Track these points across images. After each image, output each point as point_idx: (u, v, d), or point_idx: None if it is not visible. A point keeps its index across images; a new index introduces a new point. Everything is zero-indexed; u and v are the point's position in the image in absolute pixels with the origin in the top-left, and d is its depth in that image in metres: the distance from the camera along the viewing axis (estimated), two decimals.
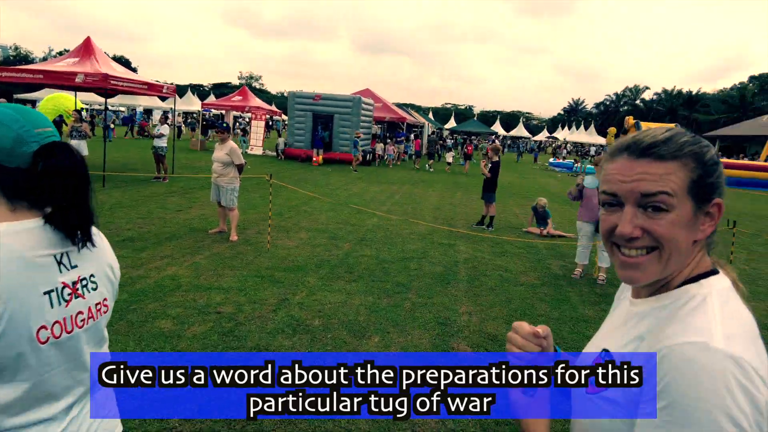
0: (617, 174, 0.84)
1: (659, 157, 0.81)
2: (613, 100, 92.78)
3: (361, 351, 3.92)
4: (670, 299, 0.84)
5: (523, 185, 18.65)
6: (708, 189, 0.83)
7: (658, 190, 0.80)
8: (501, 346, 4.21)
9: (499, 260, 7.11)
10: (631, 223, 0.81)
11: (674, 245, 0.81)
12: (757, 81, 78.05)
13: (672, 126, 0.87)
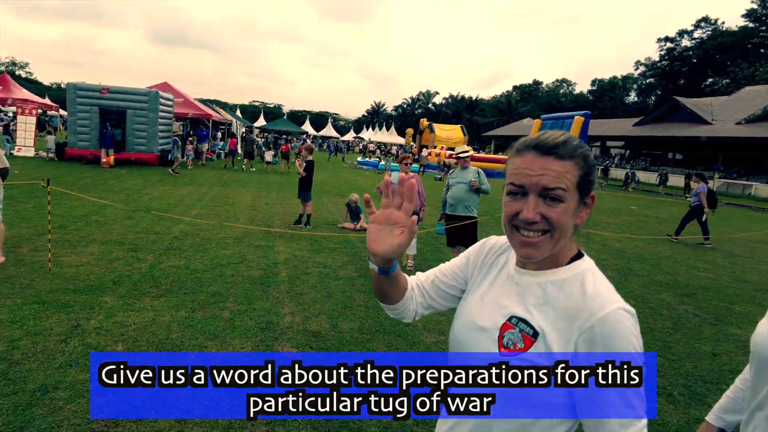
0: (525, 168, 1.01)
1: (560, 156, 0.99)
2: (409, 103, 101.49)
3: None
4: (567, 273, 1.05)
5: (335, 183, 19.22)
6: (589, 184, 1.04)
7: (557, 185, 0.98)
8: (325, 342, 4.26)
9: (318, 257, 7.20)
10: (534, 210, 0.99)
11: (563, 229, 1.00)
12: (519, 90, 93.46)
13: (561, 132, 1.03)
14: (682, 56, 66.68)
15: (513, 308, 1.07)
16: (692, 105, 42.13)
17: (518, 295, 1.08)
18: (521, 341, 1.02)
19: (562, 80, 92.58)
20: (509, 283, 1.12)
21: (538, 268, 1.08)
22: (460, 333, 1.17)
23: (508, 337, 1.04)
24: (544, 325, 1.01)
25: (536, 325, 1.02)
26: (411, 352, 4.23)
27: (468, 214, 6.72)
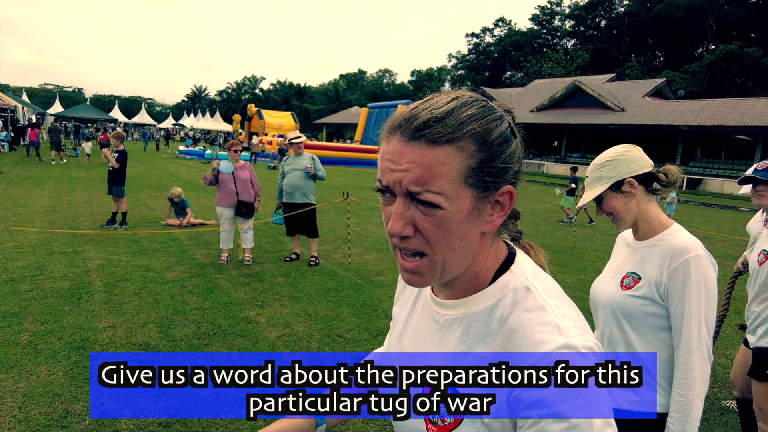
0: (388, 161, 0.68)
1: (432, 141, 0.65)
2: (234, 88, 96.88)
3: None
4: (490, 298, 0.74)
5: (154, 176, 17.45)
6: (493, 175, 0.69)
7: (425, 188, 0.65)
8: (156, 355, 3.80)
9: (140, 260, 6.42)
10: (400, 219, 0.68)
11: (446, 246, 0.68)
12: (345, 78, 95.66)
13: (452, 95, 0.70)
14: (486, 51, 75.06)
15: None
16: (496, 95, 47.70)
17: (436, 336, 0.79)
18: (447, 414, 0.72)
19: (385, 70, 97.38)
20: (427, 318, 0.84)
21: (454, 296, 0.78)
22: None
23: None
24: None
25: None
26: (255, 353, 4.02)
27: (306, 202, 6.62)
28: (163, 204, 10.39)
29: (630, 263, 1.66)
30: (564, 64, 57.74)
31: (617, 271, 1.70)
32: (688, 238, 1.56)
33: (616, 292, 1.65)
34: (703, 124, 30.78)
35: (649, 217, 1.65)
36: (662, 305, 1.55)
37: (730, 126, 29.78)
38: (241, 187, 6.42)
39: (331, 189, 15.58)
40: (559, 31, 68.95)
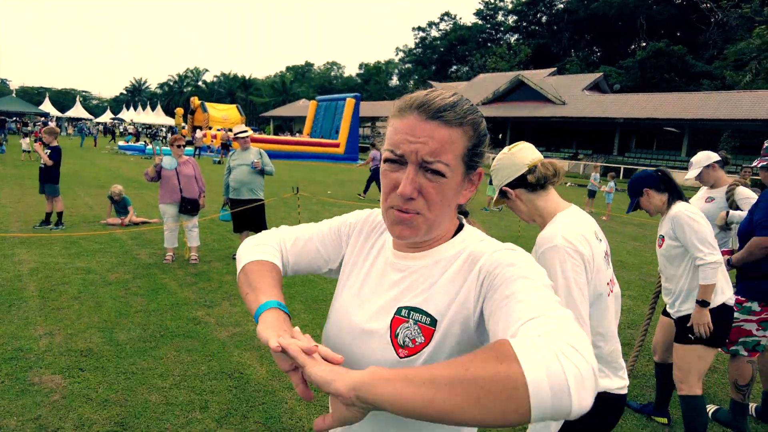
0: (406, 133, 0.84)
1: (447, 122, 0.83)
2: (176, 80, 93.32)
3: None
4: (453, 248, 0.93)
5: (92, 173, 16.58)
6: (477, 158, 0.90)
7: (438, 158, 0.82)
8: (100, 360, 3.65)
9: (78, 262, 6.11)
10: (411, 183, 0.83)
11: (440, 208, 0.86)
12: (292, 70, 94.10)
13: (451, 92, 0.89)
14: (432, 45, 75.83)
15: (400, 298, 0.92)
16: (443, 89, 48.26)
17: (404, 282, 0.94)
18: (420, 335, 0.87)
19: (333, 63, 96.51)
20: (390, 270, 0.97)
21: (420, 249, 0.95)
22: (340, 340, 0.97)
23: (404, 333, 0.89)
24: (440, 308, 0.88)
25: (432, 311, 0.88)
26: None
27: (253, 197, 6.50)
28: (102, 202, 9.91)
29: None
30: (507, 58, 59.24)
31: None
32: (552, 229, 1.61)
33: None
34: (637, 116, 32.49)
35: (540, 211, 1.73)
36: None
37: (661, 119, 31.60)
38: (184, 184, 6.22)
39: (280, 183, 15.34)
40: (502, 26, 70.59)
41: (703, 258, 2.61)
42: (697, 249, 2.64)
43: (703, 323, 2.68)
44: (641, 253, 8.86)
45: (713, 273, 2.61)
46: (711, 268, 2.61)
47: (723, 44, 44.66)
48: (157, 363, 3.68)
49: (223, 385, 3.43)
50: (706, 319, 2.68)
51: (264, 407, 3.18)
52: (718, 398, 3.69)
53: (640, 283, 6.65)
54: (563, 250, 1.53)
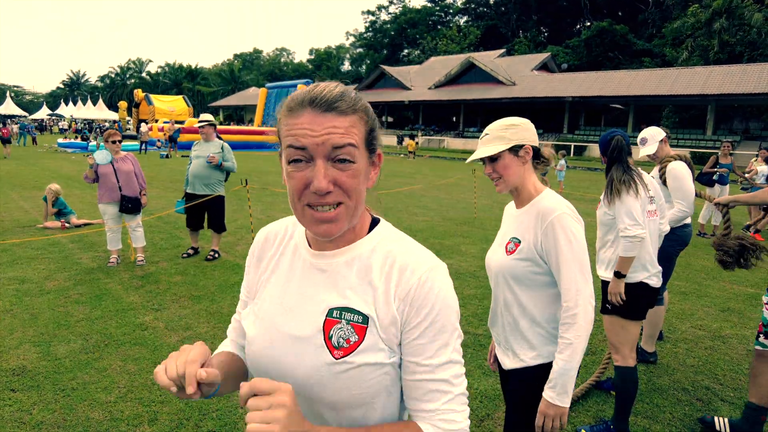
0: (306, 128, 0.82)
1: (342, 111, 0.84)
2: (118, 72, 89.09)
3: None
4: (371, 242, 0.94)
5: (27, 173, 15.57)
6: (376, 140, 0.92)
7: (346, 142, 0.83)
8: (35, 378, 3.36)
9: (10, 271, 5.67)
10: (325, 177, 0.82)
11: (358, 194, 0.87)
12: (240, 58, 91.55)
13: (334, 83, 0.88)
14: (383, 29, 75.16)
15: (329, 300, 0.91)
16: (396, 73, 48.16)
17: (328, 282, 0.92)
18: (353, 333, 0.87)
19: (282, 49, 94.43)
20: (311, 271, 0.95)
21: (337, 246, 0.94)
22: (269, 351, 0.93)
23: (338, 335, 0.88)
24: (369, 305, 0.89)
25: (363, 309, 0.88)
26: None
27: (208, 193, 6.19)
28: (39, 205, 9.30)
29: (512, 230, 1.83)
30: (458, 41, 59.50)
31: (503, 239, 1.87)
32: (554, 199, 1.73)
33: (502, 258, 1.81)
34: (585, 94, 33.35)
35: (529, 184, 1.81)
36: (543, 264, 1.71)
37: (607, 96, 32.57)
38: (123, 181, 5.85)
39: (232, 176, 14.89)
40: (451, 8, 70.71)
41: (626, 230, 2.67)
42: (622, 221, 2.69)
43: (615, 293, 2.75)
44: (595, 229, 9.08)
45: (632, 246, 2.67)
46: (630, 242, 2.66)
47: (661, 23, 46.34)
48: (101, 376, 3.44)
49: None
50: (620, 289, 2.74)
51: (218, 414, 3.02)
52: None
53: (593, 259, 6.80)
54: (571, 217, 1.68)
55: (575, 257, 1.63)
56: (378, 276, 0.90)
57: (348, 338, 0.87)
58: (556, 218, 1.66)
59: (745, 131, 31.73)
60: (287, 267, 1.00)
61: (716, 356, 3.97)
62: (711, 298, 5.39)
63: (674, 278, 5.53)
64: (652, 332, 3.82)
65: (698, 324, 4.64)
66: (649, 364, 3.80)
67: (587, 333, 1.62)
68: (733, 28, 34.48)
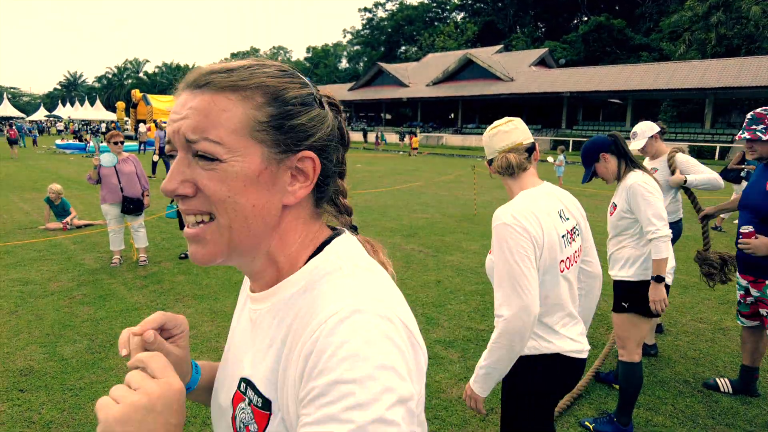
0: (172, 112, 0.63)
1: (215, 88, 0.61)
2: (115, 73, 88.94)
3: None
4: (298, 282, 0.65)
5: (27, 175, 15.58)
6: (290, 135, 0.63)
7: (202, 135, 0.59)
8: (42, 379, 3.39)
9: (14, 273, 5.69)
10: (178, 175, 0.61)
11: (233, 206, 0.61)
12: (237, 57, 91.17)
13: (260, 60, 0.68)
14: (380, 26, 75.09)
15: (244, 364, 0.69)
16: (393, 70, 48.10)
17: (250, 339, 0.70)
18: (253, 421, 0.64)
19: (279, 47, 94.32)
20: (246, 318, 0.74)
21: (265, 287, 0.69)
22: (211, 413, 0.79)
23: (240, 416, 0.66)
24: (275, 382, 0.62)
25: (264, 389, 0.63)
26: None
27: None
28: (40, 207, 9.32)
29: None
30: (455, 37, 59.45)
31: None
32: (505, 207, 1.72)
33: (488, 257, 1.91)
34: (583, 90, 33.35)
35: (510, 189, 1.86)
36: None
37: (605, 91, 32.57)
38: (125, 182, 5.87)
39: None
40: (448, 4, 70.63)
41: (655, 232, 2.65)
42: (650, 223, 2.66)
43: (659, 299, 2.71)
44: (594, 224, 9.10)
45: (666, 246, 2.65)
46: (663, 242, 2.64)
47: (658, 17, 46.33)
48: (108, 375, 3.46)
49: None
50: (662, 295, 2.71)
51: None
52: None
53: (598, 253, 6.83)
54: (510, 228, 1.64)
55: (507, 269, 1.62)
56: (292, 334, 0.61)
57: (248, 425, 0.64)
58: (494, 228, 1.68)
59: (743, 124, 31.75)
60: (239, 309, 0.80)
61: (717, 348, 4.00)
62: (711, 291, 5.42)
63: (675, 272, 5.56)
64: (650, 324, 3.86)
65: (699, 317, 4.68)
66: (651, 356, 3.84)
67: (509, 344, 1.60)
68: (730, 21, 34.50)
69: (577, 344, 1.79)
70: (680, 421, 3.00)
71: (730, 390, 3.30)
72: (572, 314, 1.82)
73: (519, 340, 1.60)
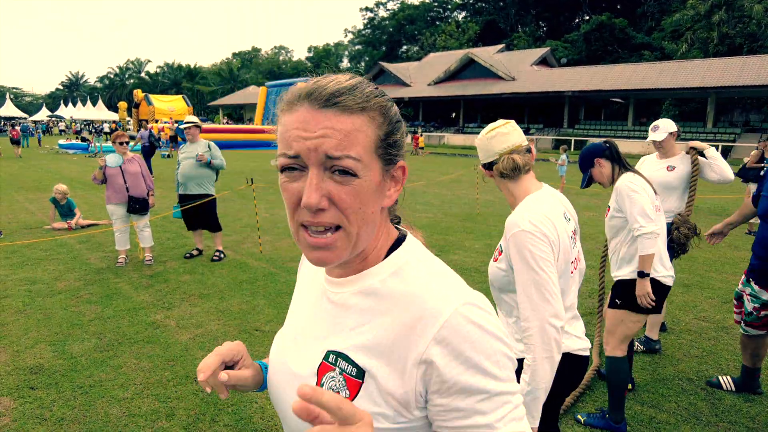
0: (298, 129, 0.67)
1: (346, 108, 0.67)
2: (117, 73, 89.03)
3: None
4: (384, 271, 0.75)
5: (30, 175, 15.64)
6: (394, 149, 0.73)
7: (345, 153, 0.65)
8: (52, 376, 3.44)
9: (21, 272, 5.74)
10: (317, 190, 0.66)
11: (361, 218, 0.69)
12: (239, 57, 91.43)
13: (349, 75, 0.73)
14: (381, 25, 75.08)
15: (330, 339, 0.76)
16: (394, 69, 48.13)
17: (334, 318, 0.77)
18: (345, 388, 0.71)
19: (281, 47, 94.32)
20: (323, 301, 0.81)
21: (346, 274, 0.78)
22: (274, 380, 0.85)
23: (329, 384, 0.73)
24: (370, 355, 0.71)
25: (360, 360, 0.71)
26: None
27: (202, 192, 6.25)
28: (45, 207, 9.37)
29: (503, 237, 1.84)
30: (456, 36, 59.41)
31: (498, 247, 1.89)
32: (519, 213, 1.67)
33: (491, 264, 1.85)
34: (584, 89, 33.34)
35: (511, 193, 1.83)
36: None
37: (607, 90, 32.55)
38: (131, 182, 5.92)
39: (233, 175, 14.94)
40: (449, 3, 70.59)
41: (640, 229, 2.72)
42: (634, 220, 2.74)
43: (643, 294, 2.79)
44: (597, 223, 9.14)
45: (651, 243, 2.72)
46: (647, 238, 2.71)
47: (660, 16, 46.27)
48: (116, 373, 3.51)
49: (189, 389, 3.30)
50: (647, 289, 2.78)
51: (233, 409, 3.09)
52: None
53: (597, 252, 6.86)
54: (530, 234, 1.60)
55: (532, 277, 1.57)
56: (388, 317, 0.71)
57: (338, 391, 0.71)
58: (513, 236, 1.63)
59: (745, 123, 31.74)
60: (307, 289, 0.88)
61: (720, 347, 4.03)
62: (714, 289, 5.45)
63: (678, 271, 5.59)
64: (654, 320, 3.90)
65: (702, 315, 4.71)
66: (655, 354, 3.87)
67: (549, 354, 1.54)
68: (732, 20, 34.46)
69: (582, 342, 1.83)
70: (683, 418, 3.03)
71: (733, 388, 3.35)
72: (576, 314, 1.86)
73: (557, 348, 1.54)
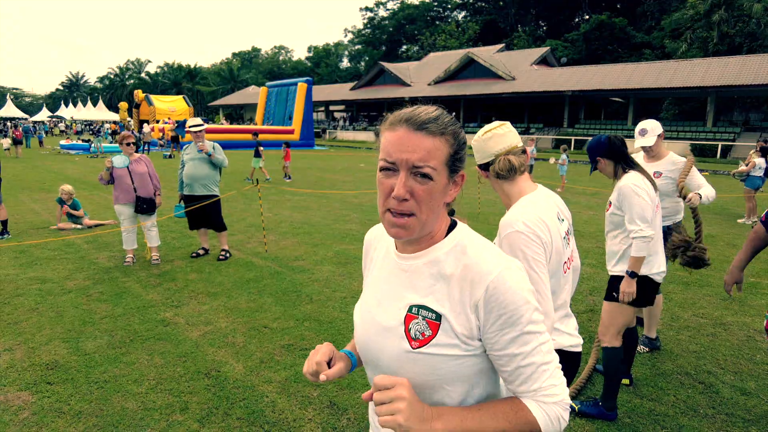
0: (397, 144, 0.98)
1: (431, 132, 0.97)
2: (117, 73, 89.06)
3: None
4: (447, 246, 1.06)
5: (33, 176, 15.73)
6: (459, 162, 1.04)
7: (426, 163, 0.96)
8: (68, 372, 3.53)
9: (31, 271, 5.84)
10: (404, 186, 0.97)
11: (430, 208, 0.99)
12: (239, 57, 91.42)
13: (434, 107, 1.03)
14: (381, 25, 75.11)
15: (409, 297, 1.07)
16: (395, 69, 48.18)
17: (409, 281, 1.08)
18: (428, 329, 1.02)
19: (280, 47, 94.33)
20: (397, 271, 1.11)
21: (417, 250, 1.08)
22: (366, 336, 1.14)
23: (415, 328, 1.04)
24: (442, 304, 1.02)
25: (436, 308, 1.02)
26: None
27: (207, 194, 6.33)
28: (50, 207, 9.47)
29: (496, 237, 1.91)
30: (456, 36, 59.46)
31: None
32: (513, 214, 1.73)
33: None
34: (584, 88, 33.39)
35: (506, 194, 1.90)
36: None
37: (607, 89, 32.62)
38: (138, 182, 6.01)
39: (236, 175, 15.04)
40: (449, 3, 70.62)
41: (637, 232, 2.82)
42: (633, 222, 2.84)
43: (628, 292, 2.91)
44: (597, 221, 9.23)
45: (644, 246, 2.83)
46: (643, 242, 2.82)
47: (660, 15, 46.32)
48: (130, 369, 3.60)
49: (201, 384, 3.40)
50: (632, 288, 2.91)
51: (245, 403, 3.18)
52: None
53: (597, 251, 6.95)
54: (523, 235, 1.66)
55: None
56: (451, 278, 1.02)
57: (423, 332, 1.02)
58: (506, 236, 1.69)
59: (745, 122, 31.79)
60: (380, 265, 1.18)
61: (718, 342, 4.13)
62: (712, 287, 5.54)
63: (677, 269, 5.68)
64: (652, 320, 3.98)
65: (700, 312, 4.80)
66: (654, 350, 3.96)
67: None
68: (732, 19, 34.52)
69: (574, 339, 1.91)
70: (682, 411, 3.13)
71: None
72: (569, 311, 1.93)
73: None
